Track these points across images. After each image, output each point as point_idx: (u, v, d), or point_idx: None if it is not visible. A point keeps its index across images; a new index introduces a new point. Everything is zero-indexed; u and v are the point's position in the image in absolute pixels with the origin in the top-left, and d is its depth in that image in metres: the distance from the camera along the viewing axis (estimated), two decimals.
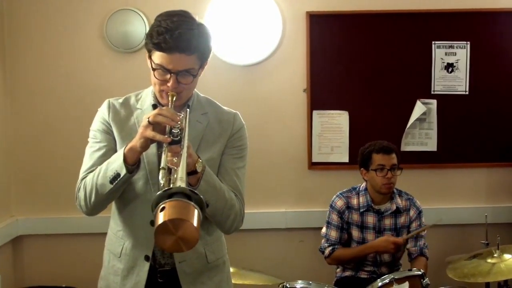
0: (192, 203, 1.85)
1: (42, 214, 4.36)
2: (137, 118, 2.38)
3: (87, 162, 2.36)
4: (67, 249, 4.41)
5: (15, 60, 4.29)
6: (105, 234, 4.10)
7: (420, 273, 3.22)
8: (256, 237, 4.33)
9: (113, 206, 2.45)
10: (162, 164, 1.99)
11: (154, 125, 2.10)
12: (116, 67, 4.30)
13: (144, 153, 2.21)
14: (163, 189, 1.87)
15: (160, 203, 1.83)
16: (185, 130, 2.11)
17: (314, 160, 4.39)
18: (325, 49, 4.33)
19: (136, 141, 2.15)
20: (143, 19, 4.23)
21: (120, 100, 2.44)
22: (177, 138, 2.06)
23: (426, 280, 3.17)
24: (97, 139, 2.37)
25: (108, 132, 2.37)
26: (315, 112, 4.36)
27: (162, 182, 1.93)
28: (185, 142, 2.06)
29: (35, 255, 4.41)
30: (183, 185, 1.89)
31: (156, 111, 2.12)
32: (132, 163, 2.17)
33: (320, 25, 4.31)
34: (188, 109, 2.28)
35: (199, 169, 2.11)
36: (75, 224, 4.34)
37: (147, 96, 2.43)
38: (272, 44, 4.29)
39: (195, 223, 1.80)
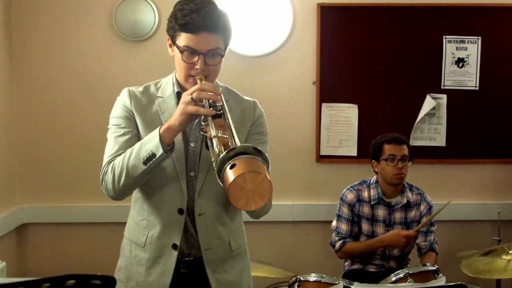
0: (260, 159, 1.84)
1: (47, 202, 4.33)
2: (159, 106, 2.36)
3: (112, 146, 2.32)
4: (72, 238, 4.38)
5: (22, 48, 4.24)
6: (109, 223, 4.19)
7: (434, 268, 3.21)
8: (262, 230, 4.30)
9: (134, 195, 2.42)
10: (214, 134, 1.97)
11: (194, 101, 2.09)
12: (125, 56, 4.26)
13: None
14: (227, 150, 1.84)
15: (227, 163, 1.81)
16: (224, 104, 2.11)
17: (322, 153, 4.37)
18: (336, 42, 4.31)
19: (175, 119, 2.14)
20: (152, 7, 4.19)
21: (140, 89, 2.41)
22: (220, 112, 2.06)
23: (440, 275, 3.16)
24: (121, 125, 2.34)
25: (130, 119, 2.35)
26: (324, 105, 4.33)
27: (216, 150, 1.91)
28: (228, 115, 2.07)
29: (39, 243, 4.37)
30: None
31: (197, 86, 2.11)
32: (168, 144, 2.16)
33: (331, 17, 4.28)
34: (219, 85, 2.28)
35: None
36: (79, 213, 4.33)
37: (167, 84, 2.41)
38: (282, 35, 4.27)
39: (268, 176, 1.79)
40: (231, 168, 1.79)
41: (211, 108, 2.06)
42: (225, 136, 1.98)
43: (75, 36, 4.25)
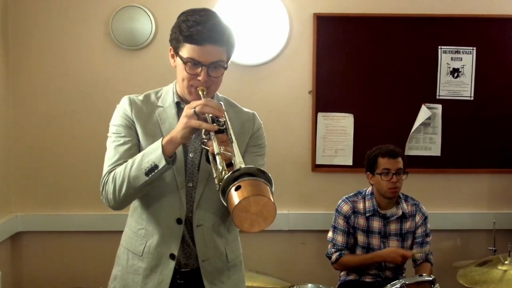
0: (263, 180, 1.87)
1: (42, 210, 4.32)
2: (159, 116, 2.36)
3: (112, 155, 2.32)
4: (67, 246, 4.37)
5: (18, 56, 4.24)
6: (104, 232, 4.18)
7: (430, 278, 3.22)
8: (258, 239, 4.29)
9: (132, 204, 2.42)
10: (217, 150, 1.98)
11: (197, 115, 2.10)
12: (121, 65, 4.27)
13: None
14: (232, 171, 1.86)
15: (232, 184, 1.83)
16: (227, 120, 2.12)
17: (318, 162, 4.38)
18: (332, 51, 4.32)
19: (177, 132, 2.15)
20: (149, 16, 4.20)
21: (141, 97, 2.41)
22: (223, 127, 2.07)
23: (436, 286, 3.17)
24: (121, 134, 2.34)
25: (131, 127, 2.34)
26: (320, 114, 4.34)
27: (220, 167, 1.92)
28: (231, 131, 2.07)
29: (34, 252, 4.36)
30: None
31: (202, 102, 2.12)
32: (170, 155, 2.16)
33: (327, 27, 4.30)
34: (222, 102, 2.28)
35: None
36: (74, 221, 4.32)
37: (167, 94, 2.42)
38: (278, 45, 4.28)
39: (272, 199, 1.83)
40: (236, 190, 1.81)
41: (214, 124, 2.07)
42: (227, 153, 1.99)
43: (72, 44, 4.25)
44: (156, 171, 2.16)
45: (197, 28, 2.17)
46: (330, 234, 3.84)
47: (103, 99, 4.19)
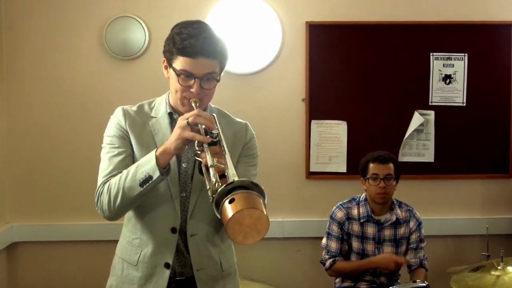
0: (256, 193, 1.88)
1: (38, 221, 4.33)
2: (152, 126, 2.38)
3: (106, 166, 2.34)
4: (62, 256, 4.37)
5: (12, 66, 4.25)
6: (100, 241, 4.19)
7: (424, 284, 3.24)
8: (253, 247, 4.24)
9: (127, 214, 2.43)
10: (210, 163, 1.99)
11: (190, 126, 2.12)
12: (115, 74, 4.28)
13: None
14: (226, 184, 1.87)
15: (226, 197, 1.85)
16: (220, 131, 2.13)
17: (312, 169, 4.40)
18: (324, 59, 4.34)
19: (171, 143, 2.17)
20: (142, 26, 4.22)
21: (134, 108, 2.44)
22: (216, 139, 2.09)
23: None
24: (115, 145, 2.36)
25: (125, 138, 2.37)
26: (313, 122, 4.36)
27: (213, 179, 1.93)
28: (224, 142, 2.09)
29: (30, 262, 4.37)
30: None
31: (194, 112, 2.14)
32: (164, 166, 2.18)
33: (320, 35, 4.32)
34: (214, 114, 2.30)
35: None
36: (70, 231, 4.33)
37: (161, 105, 2.44)
38: (271, 53, 4.30)
39: (265, 212, 1.84)
40: (230, 202, 1.83)
41: (208, 135, 2.09)
42: (221, 165, 2.00)
43: (66, 54, 4.27)
44: (150, 182, 2.17)
45: (190, 41, 2.19)
46: (324, 240, 3.86)
47: (97, 109, 4.21)
